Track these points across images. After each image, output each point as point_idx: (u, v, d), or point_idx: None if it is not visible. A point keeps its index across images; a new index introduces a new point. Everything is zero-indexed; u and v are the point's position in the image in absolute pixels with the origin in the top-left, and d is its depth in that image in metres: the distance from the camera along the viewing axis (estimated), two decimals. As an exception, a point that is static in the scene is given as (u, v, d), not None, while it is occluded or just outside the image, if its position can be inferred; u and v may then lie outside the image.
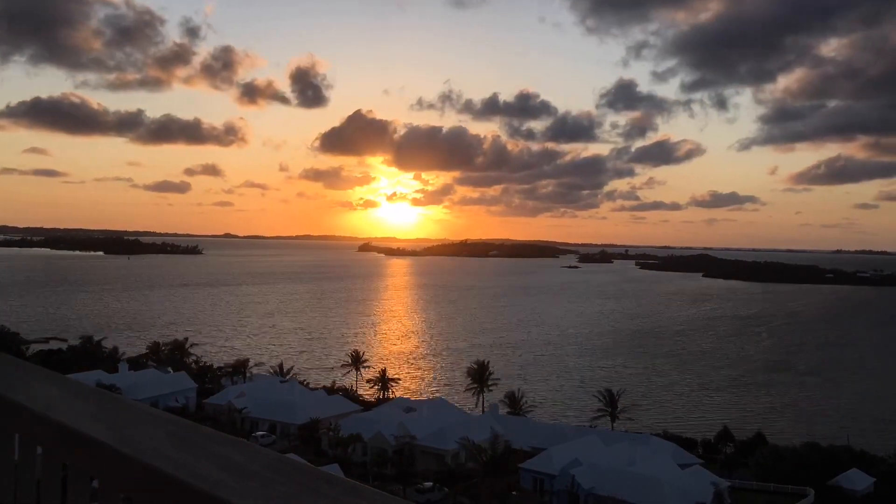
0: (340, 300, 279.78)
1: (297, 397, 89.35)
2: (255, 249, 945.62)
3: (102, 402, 2.32)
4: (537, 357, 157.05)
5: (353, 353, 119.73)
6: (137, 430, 2.03)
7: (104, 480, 1.92)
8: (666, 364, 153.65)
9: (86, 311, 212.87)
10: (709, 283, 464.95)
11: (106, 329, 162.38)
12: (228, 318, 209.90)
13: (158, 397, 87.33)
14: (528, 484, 69.66)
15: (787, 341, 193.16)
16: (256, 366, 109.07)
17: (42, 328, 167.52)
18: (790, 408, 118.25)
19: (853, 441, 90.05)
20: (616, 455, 70.52)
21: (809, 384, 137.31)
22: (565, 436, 79.98)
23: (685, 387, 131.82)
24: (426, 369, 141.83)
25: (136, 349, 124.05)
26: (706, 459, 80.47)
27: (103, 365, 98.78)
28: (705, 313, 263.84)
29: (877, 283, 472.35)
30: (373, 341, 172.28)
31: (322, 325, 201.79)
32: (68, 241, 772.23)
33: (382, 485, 65.77)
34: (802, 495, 70.08)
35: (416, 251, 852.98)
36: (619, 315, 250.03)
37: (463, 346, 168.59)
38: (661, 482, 62.83)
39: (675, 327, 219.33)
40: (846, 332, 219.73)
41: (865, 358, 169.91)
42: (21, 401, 2.29)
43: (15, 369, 2.70)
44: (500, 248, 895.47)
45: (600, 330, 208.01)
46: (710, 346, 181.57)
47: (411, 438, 75.92)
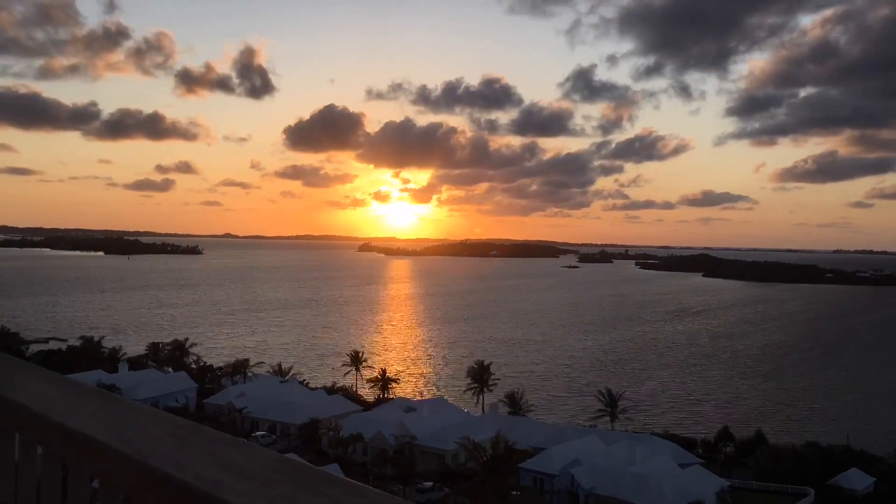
0: (341, 300, 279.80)
1: (297, 397, 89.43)
2: (256, 250, 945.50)
3: (102, 402, 2.33)
4: (537, 357, 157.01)
5: (353, 353, 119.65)
6: (137, 430, 2.03)
7: (104, 480, 1.93)
8: (666, 364, 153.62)
9: (86, 311, 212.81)
10: (708, 282, 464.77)
11: (106, 329, 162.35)
12: (228, 317, 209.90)
13: (158, 397, 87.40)
14: (529, 484, 69.71)
15: (787, 341, 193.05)
16: (256, 366, 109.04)
17: (42, 328, 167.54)
18: (790, 408, 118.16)
19: (853, 441, 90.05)
20: (616, 455, 70.60)
21: (809, 384, 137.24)
22: (565, 436, 80.00)
23: (685, 387, 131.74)
24: (426, 369, 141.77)
25: (136, 349, 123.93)
26: (706, 459, 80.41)
27: (103, 365, 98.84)
28: (705, 313, 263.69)
29: (876, 282, 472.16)
30: (373, 341, 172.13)
31: (322, 325, 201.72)
32: (68, 241, 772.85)
33: (382, 485, 65.73)
34: (802, 495, 70.04)
35: (417, 251, 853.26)
36: (620, 315, 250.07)
37: (463, 346, 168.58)
38: (661, 482, 62.84)
39: (675, 327, 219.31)
40: (846, 331, 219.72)
41: (865, 358, 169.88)
42: (21, 401, 2.29)
43: (15, 369, 2.71)
44: (499, 247, 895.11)
45: (600, 330, 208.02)
46: (710, 346, 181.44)
47: (411, 438, 75.94)
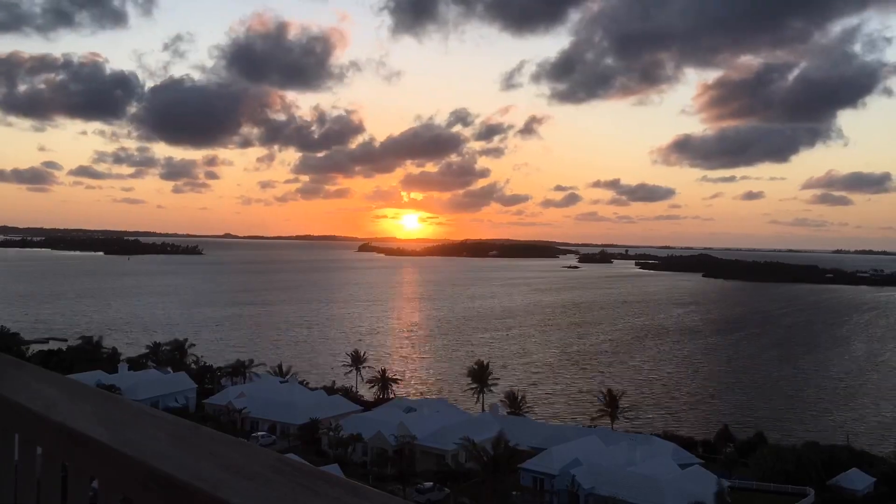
0: (341, 301, 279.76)
1: (297, 397, 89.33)
2: (257, 250, 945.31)
3: (102, 402, 2.32)
4: (537, 357, 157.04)
5: (353, 353, 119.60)
6: (137, 430, 2.03)
7: (104, 480, 1.92)
8: (666, 364, 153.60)
9: (85, 311, 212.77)
10: (708, 282, 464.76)
11: (106, 329, 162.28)
12: (228, 317, 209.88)
13: (158, 398, 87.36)
14: (529, 484, 69.71)
15: (787, 341, 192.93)
16: (256, 366, 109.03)
17: (42, 328, 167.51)
18: (790, 408, 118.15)
19: (853, 441, 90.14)
20: (616, 455, 70.56)
21: (809, 384, 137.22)
22: (565, 436, 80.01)
23: (685, 387, 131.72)
24: (426, 369, 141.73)
25: (136, 349, 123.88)
26: (706, 459, 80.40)
27: (103, 365, 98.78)
28: (705, 314, 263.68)
29: (876, 282, 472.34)
30: (373, 341, 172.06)
31: (322, 325, 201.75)
32: (68, 242, 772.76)
33: (382, 485, 65.71)
34: (802, 495, 70.02)
35: (417, 251, 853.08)
36: (619, 315, 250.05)
37: (463, 346, 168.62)
38: (661, 482, 62.84)
39: (675, 327, 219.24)
40: (845, 331, 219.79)
41: (865, 357, 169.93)
42: (21, 401, 2.29)
43: (15, 369, 2.71)
44: (499, 248, 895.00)
45: (600, 329, 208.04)
46: (710, 346, 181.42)
47: (411, 438, 75.89)
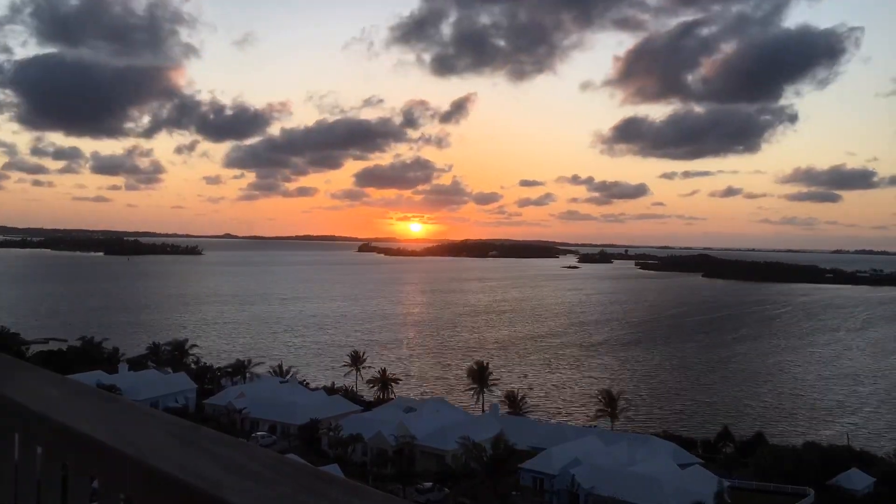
0: (341, 301, 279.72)
1: (297, 397, 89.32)
2: (256, 250, 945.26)
3: (102, 402, 2.33)
4: (537, 357, 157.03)
5: (353, 353, 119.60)
6: (137, 430, 2.03)
7: (104, 480, 1.92)
8: (666, 364, 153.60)
9: (86, 311, 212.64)
10: (708, 282, 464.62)
11: (106, 329, 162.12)
12: (229, 318, 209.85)
13: (158, 398, 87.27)
14: (529, 484, 69.67)
15: (787, 341, 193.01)
16: (256, 366, 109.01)
17: (42, 328, 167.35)
18: (790, 408, 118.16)
19: (853, 441, 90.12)
20: (616, 455, 70.53)
21: (809, 384, 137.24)
22: (565, 436, 79.96)
23: (685, 387, 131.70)
24: (426, 369, 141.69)
25: (136, 349, 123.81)
26: (706, 459, 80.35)
27: (103, 365, 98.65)
28: (705, 313, 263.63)
29: (875, 282, 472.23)
30: (373, 341, 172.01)
31: (322, 325, 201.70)
32: (68, 242, 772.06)
33: (382, 485, 65.75)
34: (802, 495, 69.98)
35: (417, 252, 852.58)
36: (619, 315, 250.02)
37: (463, 346, 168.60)
38: (661, 482, 62.82)
39: (675, 327, 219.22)
40: (845, 331, 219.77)
41: (865, 357, 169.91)
42: (21, 401, 2.29)
43: (15, 369, 2.71)
44: (499, 248, 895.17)
45: (600, 330, 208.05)
46: (710, 346, 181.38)
47: (411, 438, 75.85)
